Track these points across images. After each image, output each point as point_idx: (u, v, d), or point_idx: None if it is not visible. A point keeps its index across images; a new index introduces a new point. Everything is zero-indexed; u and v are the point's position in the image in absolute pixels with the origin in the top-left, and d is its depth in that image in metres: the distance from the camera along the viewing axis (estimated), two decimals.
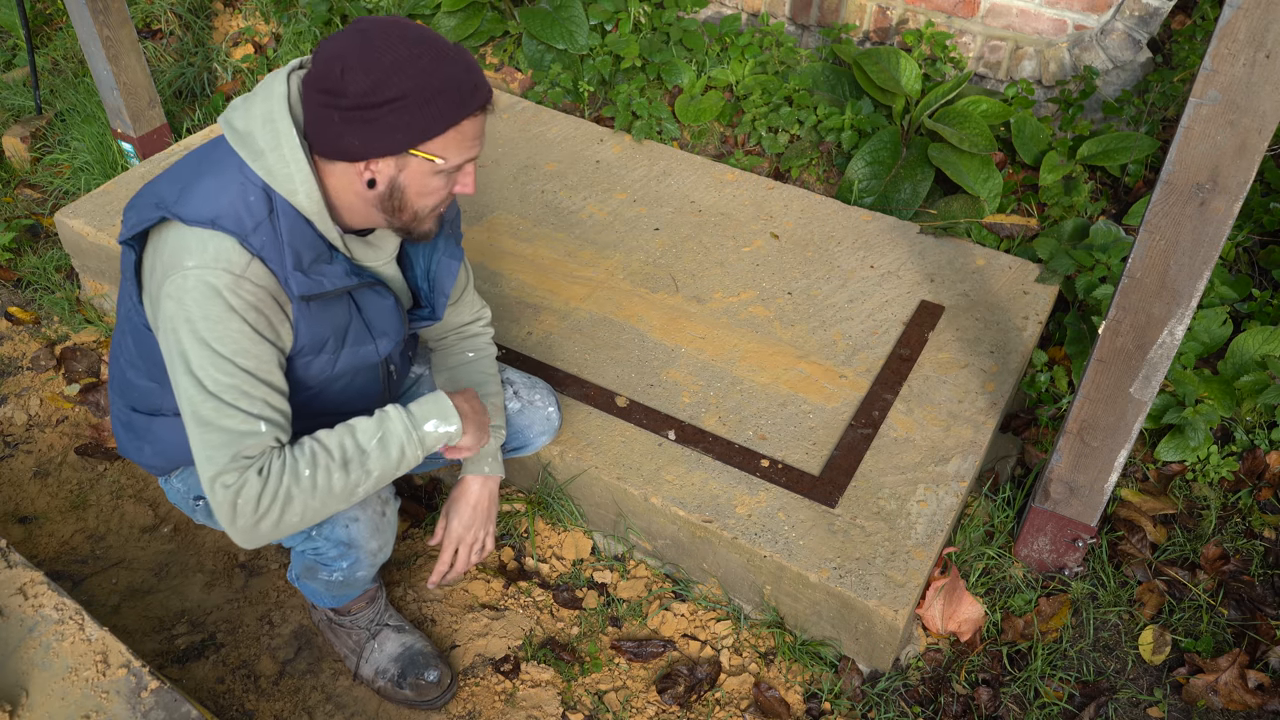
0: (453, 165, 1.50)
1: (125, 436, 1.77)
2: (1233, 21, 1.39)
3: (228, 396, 1.46)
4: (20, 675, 1.68)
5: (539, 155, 2.93)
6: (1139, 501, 2.19)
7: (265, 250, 1.46)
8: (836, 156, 3.00)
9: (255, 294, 1.46)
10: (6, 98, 3.48)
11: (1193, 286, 1.63)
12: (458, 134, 1.47)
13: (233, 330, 1.45)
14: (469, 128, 1.48)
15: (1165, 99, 2.86)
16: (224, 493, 1.47)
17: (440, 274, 1.74)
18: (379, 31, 1.42)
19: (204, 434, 1.48)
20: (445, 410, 1.63)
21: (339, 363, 1.63)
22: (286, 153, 1.46)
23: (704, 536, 2.01)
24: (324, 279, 1.51)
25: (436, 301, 1.76)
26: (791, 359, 2.31)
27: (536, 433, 2.02)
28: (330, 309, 1.57)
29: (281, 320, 1.51)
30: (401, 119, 1.42)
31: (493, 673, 2.01)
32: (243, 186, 1.46)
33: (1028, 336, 2.35)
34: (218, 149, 1.52)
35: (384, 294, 1.65)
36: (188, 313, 1.44)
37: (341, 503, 1.56)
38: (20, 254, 2.99)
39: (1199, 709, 1.90)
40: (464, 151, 1.50)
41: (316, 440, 1.54)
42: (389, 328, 1.68)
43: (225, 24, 3.70)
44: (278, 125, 1.46)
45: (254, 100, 1.49)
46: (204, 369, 1.45)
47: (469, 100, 1.45)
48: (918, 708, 1.93)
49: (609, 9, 3.27)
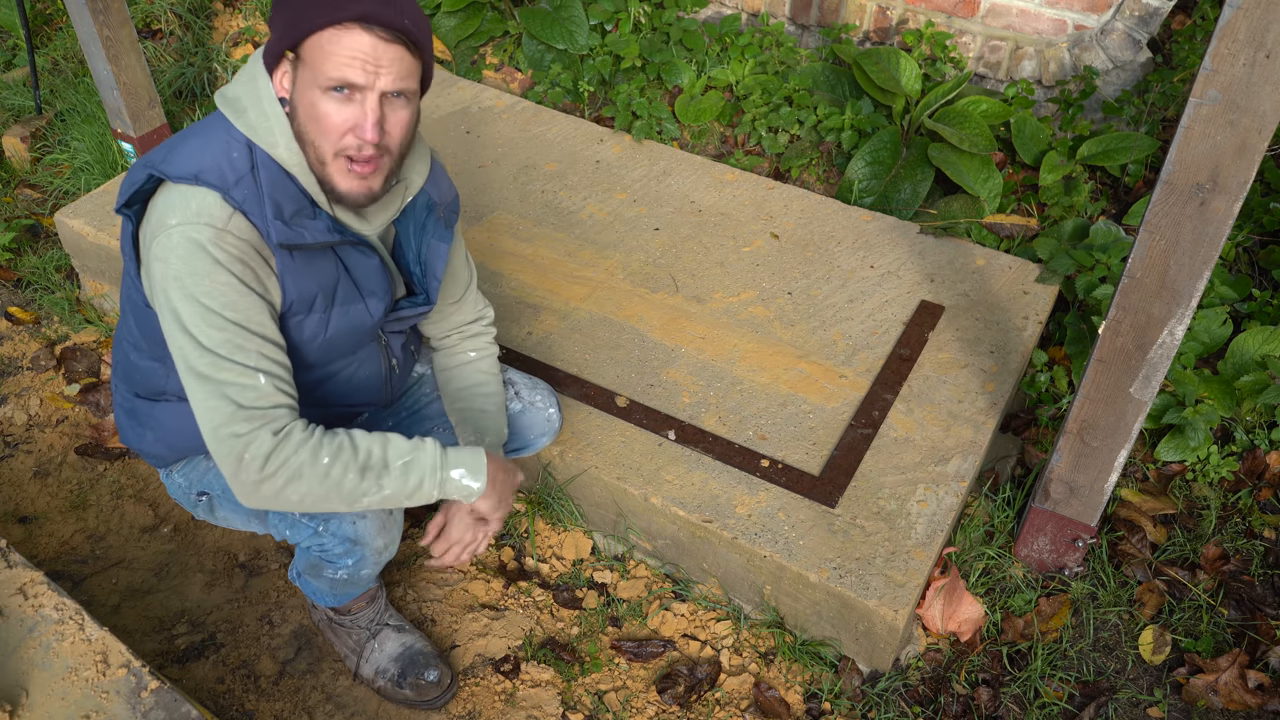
0: (330, 80, 1.44)
1: (128, 424, 1.78)
2: (1233, 21, 1.39)
3: (222, 350, 1.47)
4: (20, 675, 1.68)
5: (539, 155, 2.93)
6: (1139, 501, 2.19)
7: (247, 204, 1.48)
8: (836, 156, 3.00)
9: (239, 246, 1.48)
10: (6, 98, 3.48)
11: (1193, 286, 1.63)
12: (333, 42, 1.42)
13: (220, 283, 1.46)
14: (351, 41, 1.42)
15: (1165, 99, 2.86)
16: (232, 442, 1.46)
17: (430, 256, 1.74)
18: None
19: (203, 387, 1.48)
20: (478, 466, 1.63)
21: (331, 323, 1.63)
22: (266, 106, 1.51)
23: (704, 536, 2.01)
24: (304, 231, 1.53)
25: (429, 285, 1.75)
26: (791, 359, 2.31)
27: (537, 434, 2.02)
28: (315, 264, 1.57)
29: (268, 274, 1.52)
30: (282, 13, 1.45)
31: (493, 673, 2.01)
32: (226, 144, 1.51)
33: (1028, 336, 2.35)
34: (210, 117, 1.57)
35: (368, 253, 1.65)
36: (175, 270, 1.46)
37: (343, 504, 1.55)
38: (20, 254, 2.99)
39: (1199, 709, 1.90)
40: (342, 67, 1.43)
41: (349, 436, 1.55)
42: (376, 286, 1.67)
43: (225, 24, 3.70)
44: (258, 83, 1.51)
45: (243, 69, 1.55)
46: (196, 325, 1.46)
47: (342, 5, 1.40)
48: (918, 708, 1.93)
49: (609, 9, 3.27)
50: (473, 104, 3.14)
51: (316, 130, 1.49)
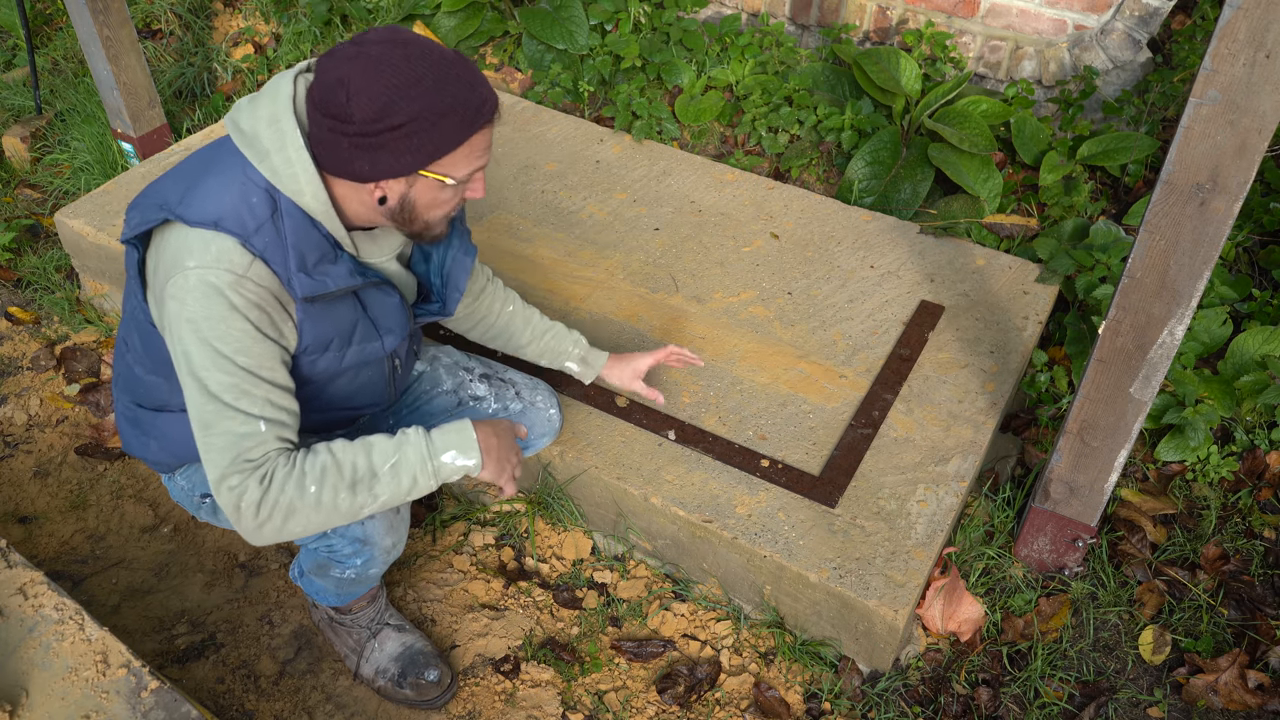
0: (462, 179, 1.50)
1: (131, 433, 1.77)
2: (1233, 21, 1.39)
3: (228, 397, 1.46)
4: (20, 675, 1.68)
5: (539, 155, 2.93)
6: (1139, 501, 2.19)
7: (268, 251, 1.46)
8: (836, 156, 3.00)
9: (257, 293, 1.46)
10: (6, 98, 3.48)
11: (1193, 286, 1.63)
12: (467, 149, 1.48)
13: (235, 329, 1.45)
14: (478, 142, 1.49)
15: (1165, 99, 2.86)
16: (229, 494, 1.48)
17: (455, 271, 1.75)
18: (381, 52, 1.40)
19: (206, 437, 1.48)
20: (467, 442, 1.62)
21: (345, 359, 1.64)
22: (292, 154, 1.45)
23: (704, 536, 2.01)
24: (328, 279, 1.51)
25: (449, 297, 1.76)
26: (791, 359, 2.31)
27: (538, 434, 2.02)
28: (335, 309, 1.57)
29: (285, 319, 1.51)
30: (410, 143, 1.42)
31: (493, 673, 2.01)
32: (245, 187, 1.46)
33: (1028, 336, 2.35)
34: (222, 149, 1.52)
35: (389, 292, 1.65)
36: (190, 313, 1.44)
37: (346, 519, 1.56)
38: (20, 254, 2.99)
39: (1199, 709, 1.90)
40: (473, 164, 1.50)
41: (331, 454, 1.53)
42: (395, 324, 1.68)
43: (225, 24, 3.70)
44: (283, 126, 1.46)
45: (260, 101, 1.49)
46: (206, 369, 1.46)
47: (476, 118, 1.46)
48: (918, 708, 1.93)
49: (609, 9, 3.27)
50: None
51: (431, 212, 1.54)
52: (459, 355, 2.04)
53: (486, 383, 1.99)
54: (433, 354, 2.02)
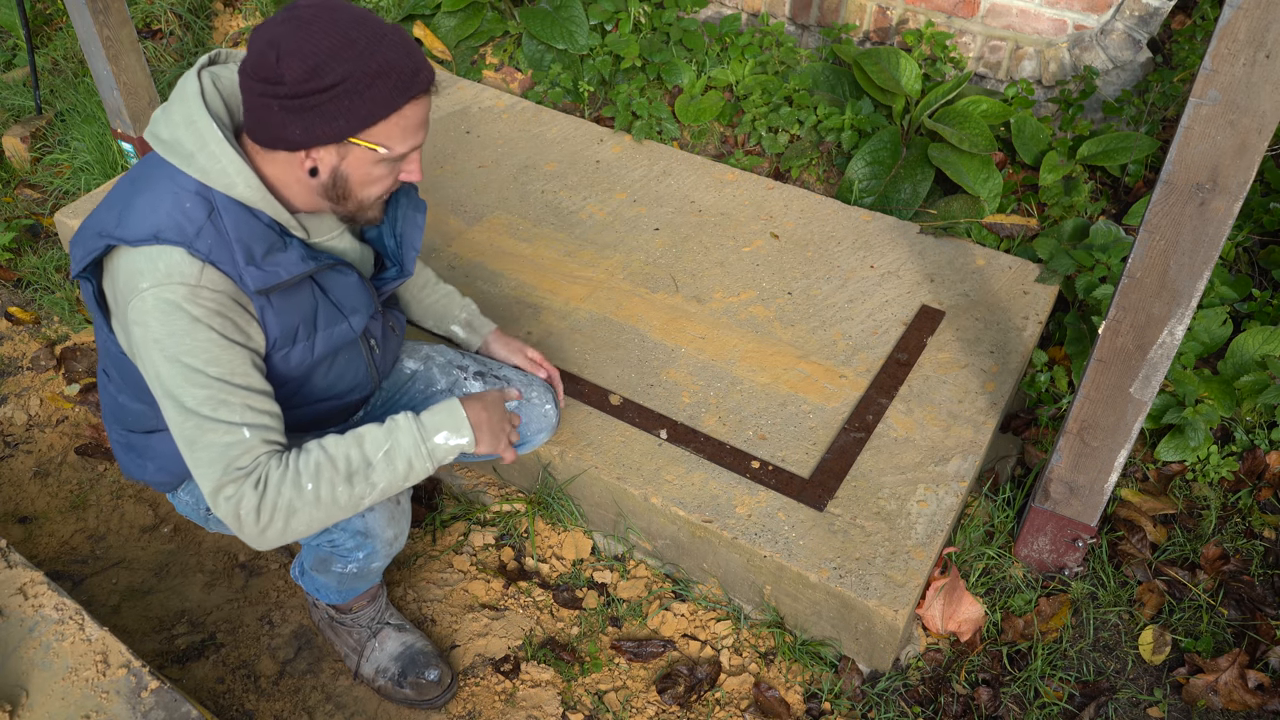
0: (396, 154, 1.48)
1: (127, 458, 1.77)
2: (1233, 21, 1.39)
3: (205, 410, 1.46)
4: (20, 675, 1.69)
5: (539, 155, 2.93)
6: (1139, 501, 2.19)
7: (214, 253, 1.45)
8: (836, 156, 3.00)
9: (215, 300, 1.45)
10: (6, 98, 3.48)
11: (1193, 286, 1.63)
12: (400, 120, 1.45)
13: (200, 341, 1.44)
14: (411, 113, 1.46)
15: (1165, 99, 2.86)
16: (226, 504, 1.48)
17: (407, 229, 1.73)
18: (313, 14, 1.40)
19: (193, 453, 1.48)
20: (458, 421, 1.62)
21: (317, 349, 1.63)
22: (214, 148, 1.45)
23: (704, 536, 2.01)
24: (280, 269, 1.50)
25: (405, 257, 1.75)
26: (791, 359, 2.31)
27: (534, 430, 2.01)
28: (293, 297, 1.56)
29: (248, 320, 1.51)
30: (341, 105, 1.40)
31: (493, 673, 2.01)
32: (176, 195, 1.46)
33: (1028, 336, 2.35)
34: (147, 165, 1.52)
35: (346, 272, 1.64)
36: (154, 334, 1.44)
37: (348, 512, 1.56)
38: (20, 254, 2.99)
39: (1199, 709, 1.90)
40: (408, 138, 1.48)
41: (323, 449, 1.54)
42: (359, 304, 1.67)
43: (225, 24, 3.70)
44: (199, 125, 1.45)
45: (172, 107, 1.49)
46: (180, 386, 1.45)
47: (410, 84, 1.43)
48: (918, 708, 1.93)
49: (609, 9, 3.27)
50: (473, 104, 3.14)
51: (365, 190, 1.51)
52: (453, 354, 2.04)
53: (481, 380, 1.99)
54: (426, 353, 2.01)
